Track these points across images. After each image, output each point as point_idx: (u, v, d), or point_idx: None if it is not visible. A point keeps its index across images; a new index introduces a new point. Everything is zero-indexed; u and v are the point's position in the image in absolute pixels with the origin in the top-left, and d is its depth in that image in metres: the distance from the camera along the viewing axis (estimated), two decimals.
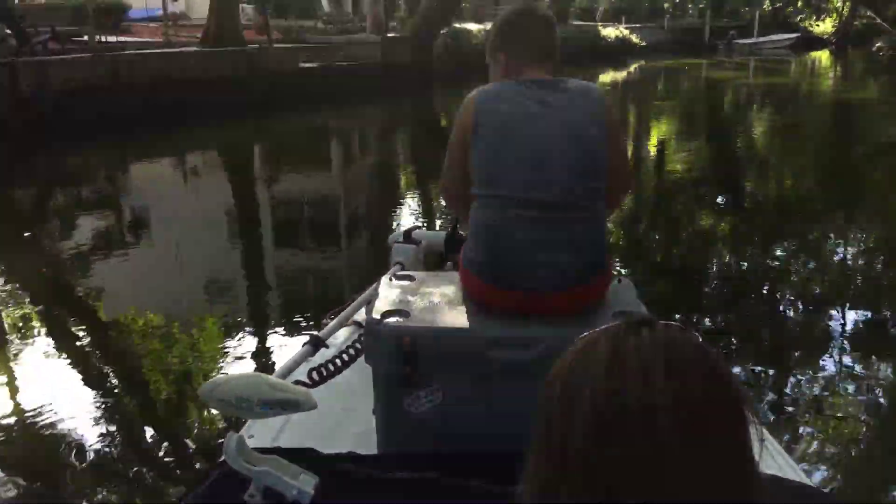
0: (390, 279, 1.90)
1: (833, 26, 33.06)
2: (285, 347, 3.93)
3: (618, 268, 4.40)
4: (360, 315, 2.18)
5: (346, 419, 1.96)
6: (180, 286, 5.19)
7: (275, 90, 14.21)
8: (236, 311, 4.72)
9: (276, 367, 1.83)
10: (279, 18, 19.56)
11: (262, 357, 3.91)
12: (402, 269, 2.27)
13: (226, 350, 3.99)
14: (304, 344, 1.93)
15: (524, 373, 1.53)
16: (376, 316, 1.66)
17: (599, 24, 28.26)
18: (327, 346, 1.96)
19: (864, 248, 5.83)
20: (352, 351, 1.92)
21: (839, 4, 33.27)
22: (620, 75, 23.67)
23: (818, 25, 33.40)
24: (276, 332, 4.30)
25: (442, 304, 1.75)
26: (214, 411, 2.84)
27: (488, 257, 1.71)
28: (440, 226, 5.99)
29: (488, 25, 23.59)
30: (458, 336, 1.63)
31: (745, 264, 5.59)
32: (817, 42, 31.54)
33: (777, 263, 5.46)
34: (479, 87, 1.80)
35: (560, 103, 1.73)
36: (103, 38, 14.19)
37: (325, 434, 1.84)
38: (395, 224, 6.80)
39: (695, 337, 0.61)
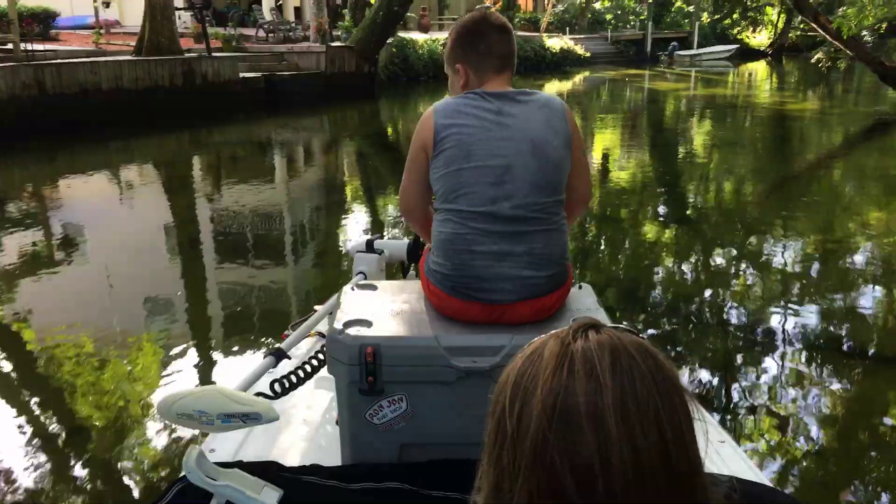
0: (352, 289, 1.90)
1: (769, 38, 34.10)
2: (247, 361, 3.81)
3: (578, 273, 4.51)
4: (323, 325, 2.19)
5: (309, 431, 1.94)
6: (123, 303, 4.94)
7: (213, 100, 13.72)
8: (195, 326, 4.54)
9: (238, 380, 1.77)
10: (218, 27, 19.00)
11: (223, 371, 3.79)
12: (365, 278, 2.27)
13: (184, 365, 3.85)
14: (266, 355, 1.89)
15: (487, 380, 1.55)
16: (338, 326, 1.65)
17: (544, 34, 28.42)
18: (290, 358, 1.92)
19: (803, 253, 5.95)
20: (314, 361, 1.89)
21: (774, 17, 34.34)
22: (565, 86, 23.79)
23: (754, 37, 34.39)
24: (237, 346, 4.16)
25: (405, 313, 1.75)
26: (174, 426, 2.76)
27: (450, 270, 1.71)
28: (394, 234, 5.97)
29: (434, 35, 23.52)
30: (421, 345, 1.62)
31: (693, 268, 5.68)
32: (754, 53, 32.46)
33: (722, 268, 5.61)
34: (438, 101, 1.78)
35: (522, 116, 1.71)
36: (29, 47, 13.47)
37: (289, 446, 1.83)
38: (348, 234, 6.62)
39: (640, 338, 0.62)
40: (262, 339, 4.19)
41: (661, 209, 7.76)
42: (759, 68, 29.40)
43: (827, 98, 18.96)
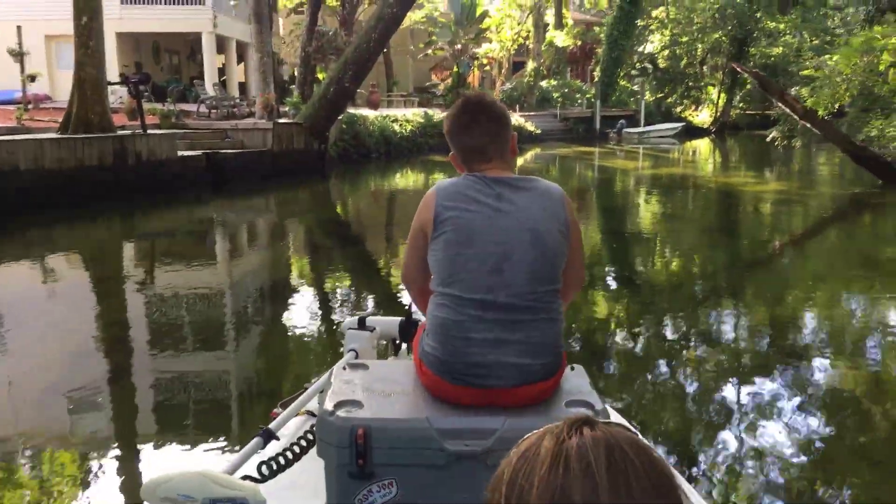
0: (344, 368, 1.87)
1: (710, 116, 34.94)
2: (236, 441, 3.64)
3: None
4: (313, 404, 2.10)
5: None
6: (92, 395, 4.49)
7: (149, 181, 12.49)
8: (183, 407, 4.31)
9: (225, 463, 1.75)
10: (156, 102, 17.89)
11: (210, 453, 3.58)
12: (356, 356, 2.23)
13: (169, 447, 3.65)
14: (255, 436, 1.83)
15: (480, 464, 1.55)
16: (329, 407, 1.63)
17: None
18: (278, 438, 1.86)
19: (762, 325, 5.88)
20: (303, 442, 1.85)
21: (714, 97, 35.31)
22: (517, 162, 23.38)
23: (697, 115, 35.21)
24: (224, 427, 4.00)
25: (396, 394, 1.73)
26: None
27: (444, 354, 1.71)
28: (349, 319, 5.16)
29: (384, 111, 22.94)
30: (413, 427, 1.60)
31: (663, 341, 5.57)
32: (698, 131, 33.09)
33: (694, 341, 5.52)
34: (440, 182, 1.81)
35: (521, 204, 1.74)
36: None
37: None
38: (297, 319, 6.22)
39: (634, 434, 0.64)
40: (247, 420, 4.06)
41: (631, 287, 7.40)
42: (705, 146, 29.80)
43: (788, 178, 18.87)
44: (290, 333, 5.84)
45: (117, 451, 3.71)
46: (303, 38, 21.51)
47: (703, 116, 35.18)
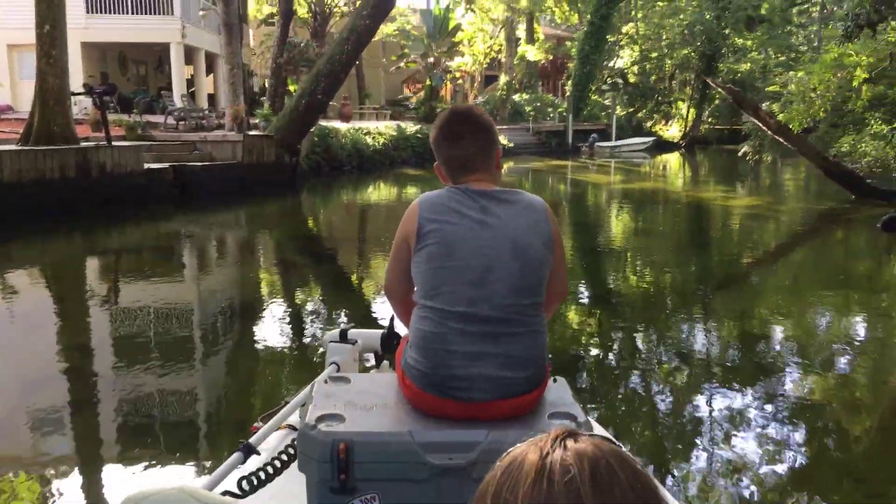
0: (325, 381, 1.86)
1: (680, 130, 35.33)
2: (213, 457, 3.55)
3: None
4: (294, 418, 2.10)
5: None
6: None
7: (113, 194, 12.08)
8: (156, 425, 4.13)
9: (204, 478, 1.74)
10: (122, 114, 17.44)
11: (188, 469, 3.50)
12: (338, 369, 2.21)
13: (146, 465, 3.49)
14: (235, 451, 1.79)
15: (463, 477, 1.54)
16: (310, 421, 1.62)
17: None
18: (259, 453, 1.84)
19: (737, 337, 5.90)
20: (284, 457, 1.82)
21: (684, 111, 35.74)
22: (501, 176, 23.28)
23: (667, 130, 35.58)
24: (200, 443, 3.90)
25: (378, 407, 1.72)
26: None
27: (427, 367, 1.70)
28: (320, 336, 5.59)
29: (356, 124, 22.71)
30: (395, 441, 1.59)
31: (645, 351, 5.60)
32: (669, 145, 33.41)
33: (678, 352, 5.53)
34: (424, 194, 1.81)
35: (504, 217, 1.74)
36: None
37: None
38: (267, 333, 6.05)
39: (618, 447, 0.64)
40: (223, 435, 3.94)
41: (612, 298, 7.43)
42: (676, 160, 30.05)
43: (760, 192, 19.01)
44: (261, 349, 5.64)
45: (90, 472, 3.57)
46: (274, 50, 21.23)
47: (673, 131, 35.56)
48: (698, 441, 3.82)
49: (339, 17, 28.57)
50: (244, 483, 1.70)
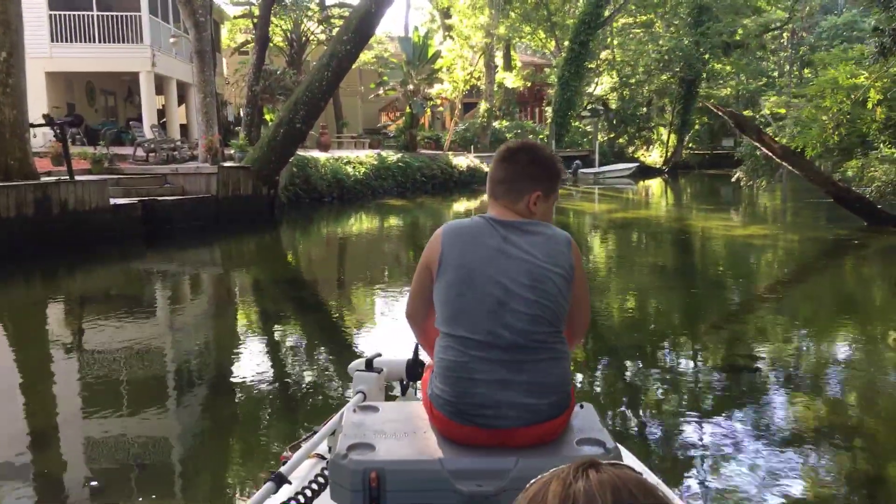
0: (354, 410, 1.90)
1: (661, 156, 35.08)
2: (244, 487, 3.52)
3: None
4: (323, 447, 2.12)
5: None
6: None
7: (76, 233, 11.10)
8: (186, 455, 4.10)
9: None
10: (88, 146, 16.47)
11: (222, 500, 3.52)
12: (364, 398, 2.24)
13: (182, 496, 3.53)
14: (267, 481, 1.78)
15: None
16: (341, 450, 1.65)
17: (449, 153, 27.54)
18: (290, 482, 1.81)
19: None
20: (315, 486, 1.82)
21: (665, 137, 35.53)
22: (473, 204, 22.63)
23: (648, 155, 35.32)
24: (233, 474, 3.88)
25: (407, 435, 1.75)
26: None
27: (452, 396, 1.71)
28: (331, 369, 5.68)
29: (335, 153, 21.91)
30: (426, 469, 1.61)
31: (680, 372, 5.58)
32: (651, 170, 33.08)
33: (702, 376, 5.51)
34: (449, 222, 1.86)
35: (524, 247, 1.76)
36: None
37: None
38: (243, 372, 5.76)
39: (640, 475, 0.64)
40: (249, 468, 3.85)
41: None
42: (661, 186, 29.64)
43: (762, 220, 18.44)
44: (266, 388, 5.30)
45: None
46: (249, 77, 20.43)
47: (654, 156, 35.30)
48: (727, 465, 3.75)
49: (316, 44, 27.94)
50: None
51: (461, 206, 22.22)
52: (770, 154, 11.96)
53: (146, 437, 4.33)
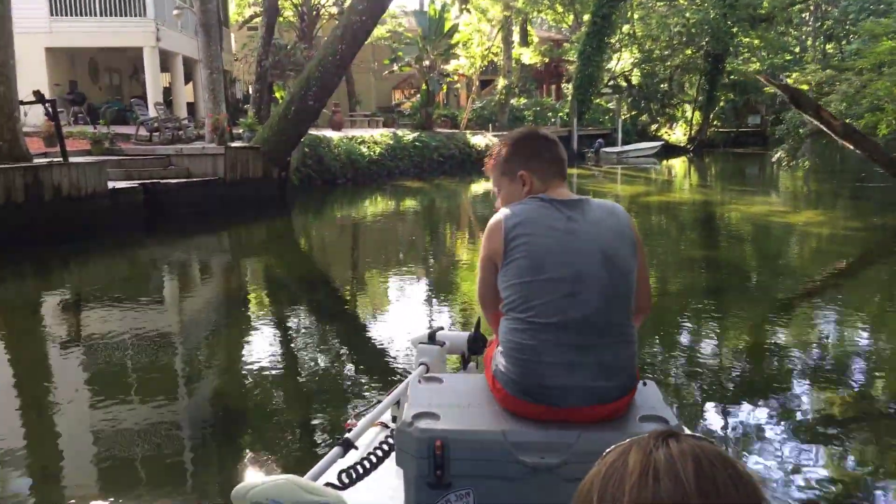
0: (419, 381, 1.93)
1: (684, 134, 33.76)
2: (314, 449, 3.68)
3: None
4: (388, 415, 2.22)
5: None
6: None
7: (71, 219, 10.20)
8: (259, 415, 4.27)
9: (308, 471, 1.80)
10: (86, 125, 15.54)
11: (291, 459, 3.60)
12: (427, 369, 2.27)
13: (254, 457, 3.72)
14: (334, 445, 1.91)
15: (555, 476, 1.60)
16: (407, 418, 1.68)
17: (466, 131, 26.44)
18: (356, 448, 1.94)
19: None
20: (380, 452, 1.89)
21: (689, 114, 34.17)
22: (491, 185, 21.56)
23: (671, 133, 34.01)
24: (302, 435, 4.01)
25: (471, 407, 1.78)
26: None
27: (519, 376, 1.73)
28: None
29: (348, 132, 20.89)
30: (489, 440, 1.64)
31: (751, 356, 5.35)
32: (676, 149, 31.79)
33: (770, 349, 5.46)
34: (506, 208, 1.83)
35: (589, 224, 1.75)
36: None
37: None
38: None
39: (719, 448, 0.65)
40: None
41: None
42: (687, 165, 28.39)
43: (818, 205, 17.19)
44: (312, 368, 5.32)
45: (205, 464, 3.78)
46: (259, 52, 19.39)
47: (678, 135, 33.98)
48: (798, 447, 3.70)
49: (327, 18, 26.82)
50: (344, 476, 1.79)
51: (480, 187, 21.21)
52: (830, 133, 10.85)
53: (215, 409, 4.54)
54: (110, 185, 11.21)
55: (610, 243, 1.72)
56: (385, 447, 1.89)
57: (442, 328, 2.48)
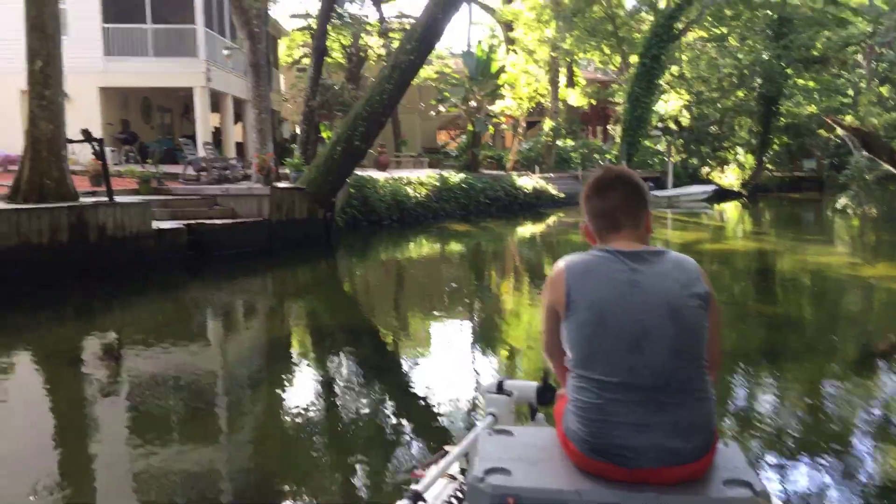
0: (489, 433, 1.92)
1: (738, 178, 32.82)
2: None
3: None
4: (456, 468, 2.16)
5: None
6: None
7: (115, 260, 9.99)
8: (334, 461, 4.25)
9: None
10: (142, 164, 15.56)
11: None
12: (496, 421, 2.26)
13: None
14: (404, 497, 1.78)
15: None
16: (478, 473, 1.66)
17: (512, 173, 26.06)
18: (425, 501, 1.81)
19: None
20: None
21: (742, 158, 33.28)
22: (539, 228, 21.11)
23: (723, 177, 33.11)
24: (366, 485, 3.96)
25: (543, 462, 1.75)
26: None
27: (589, 435, 1.67)
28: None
29: (394, 173, 20.66)
30: (564, 499, 1.61)
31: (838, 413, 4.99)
32: (729, 193, 30.86)
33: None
34: (569, 259, 1.78)
35: (655, 278, 1.69)
36: None
37: None
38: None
39: None
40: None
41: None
42: (742, 211, 27.41)
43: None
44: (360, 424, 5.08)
45: None
46: (307, 92, 19.38)
47: (730, 178, 33.06)
48: None
49: (375, 60, 26.93)
50: None
51: (526, 229, 20.70)
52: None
53: (265, 457, 4.39)
54: (155, 225, 11.03)
55: (676, 296, 1.65)
56: (455, 501, 1.89)
57: (509, 378, 2.43)
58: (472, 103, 24.87)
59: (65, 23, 13.39)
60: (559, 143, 30.92)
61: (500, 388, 2.38)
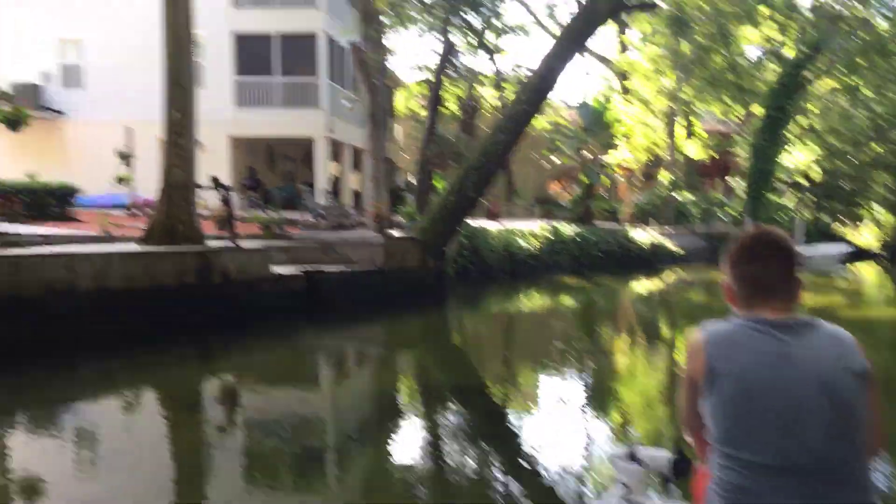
0: None
1: (875, 237, 30.46)
2: None
3: None
4: None
5: None
6: None
7: (236, 304, 10.20)
8: None
9: None
10: (266, 209, 16.13)
11: None
12: (629, 492, 2.22)
13: None
14: None
15: None
16: None
17: (627, 226, 25.28)
18: None
19: None
20: None
21: (879, 216, 30.93)
22: (655, 284, 20.18)
23: (858, 235, 30.85)
24: None
25: None
26: None
27: None
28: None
29: (506, 224, 20.46)
30: None
31: None
32: (865, 253, 28.65)
33: None
34: (711, 328, 1.68)
35: (808, 352, 1.58)
36: (10, 229, 10.43)
37: None
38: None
39: None
40: None
41: None
42: (878, 271, 25.33)
43: None
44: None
45: None
46: (422, 142, 19.65)
47: (866, 237, 30.73)
48: None
49: (490, 111, 27.14)
50: None
51: (641, 286, 19.86)
52: None
53: None
54: (274, 270, 11.24)
55: (831, 371, 1.54)
56: None
57: (641, 444, 2.35)
58: (587, 154, 24.48)
59: (200, 75, 14.20)
60: (677, 196, 29.87)
61: (632, 457, 2.28)
